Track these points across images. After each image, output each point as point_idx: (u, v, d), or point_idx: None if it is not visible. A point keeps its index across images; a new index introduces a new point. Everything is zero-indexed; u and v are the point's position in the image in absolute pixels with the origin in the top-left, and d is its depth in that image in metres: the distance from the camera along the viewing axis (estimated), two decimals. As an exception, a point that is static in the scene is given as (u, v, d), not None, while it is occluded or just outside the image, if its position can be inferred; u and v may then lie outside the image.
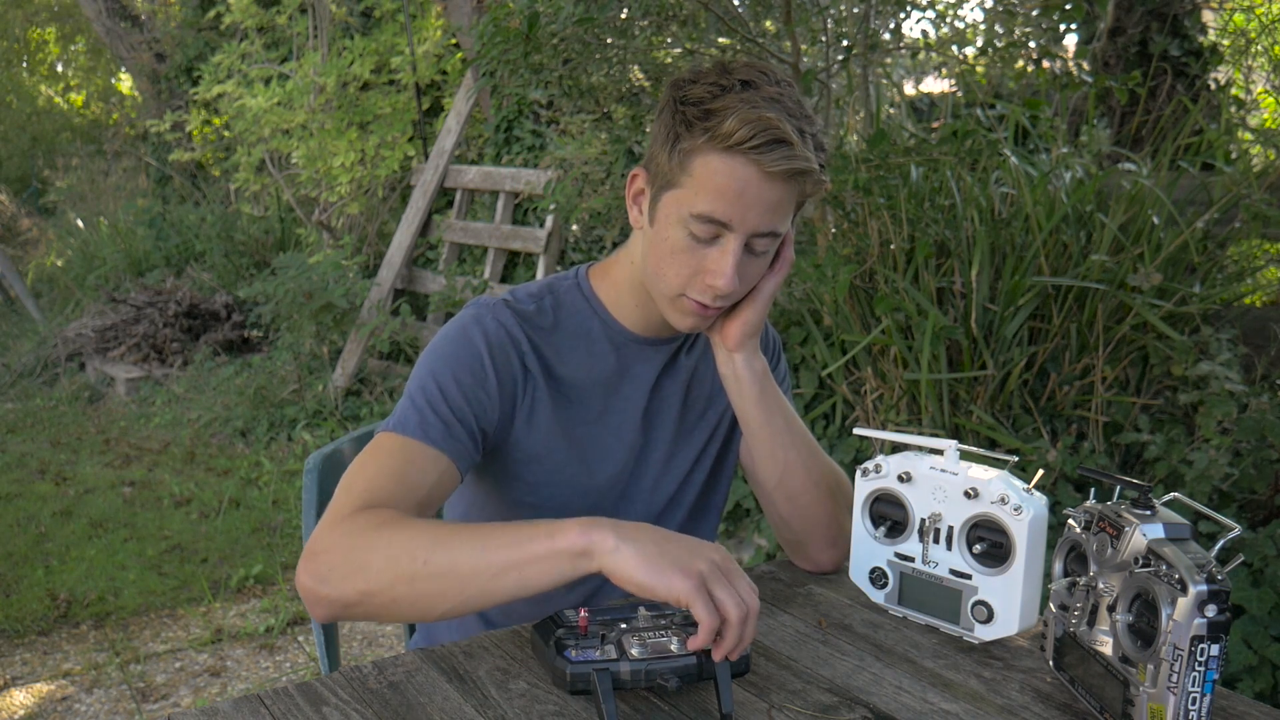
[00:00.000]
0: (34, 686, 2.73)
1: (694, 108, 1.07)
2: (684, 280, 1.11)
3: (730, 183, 1.05)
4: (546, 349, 1.21)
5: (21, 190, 12.08)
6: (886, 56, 4.65)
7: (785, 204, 1.09)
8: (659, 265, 1.13)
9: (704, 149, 1.06)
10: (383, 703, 0.96)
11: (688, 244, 1.10)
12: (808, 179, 1.08)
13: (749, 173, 1.05)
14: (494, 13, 3.36)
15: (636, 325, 1.24)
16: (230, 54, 6.58)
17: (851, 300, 3.08)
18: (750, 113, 1.03)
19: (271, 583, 3.38)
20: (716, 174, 1.06)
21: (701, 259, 1.10)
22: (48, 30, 13.84)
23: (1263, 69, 4.91)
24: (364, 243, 6.45)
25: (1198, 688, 0.84)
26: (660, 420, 1.28)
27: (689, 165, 1.07)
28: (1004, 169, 3.01)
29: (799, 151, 1.05)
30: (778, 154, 1.04)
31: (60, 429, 5.37)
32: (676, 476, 1.30)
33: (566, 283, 1.26)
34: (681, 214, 1.09)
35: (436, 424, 1.11)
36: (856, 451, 3.03)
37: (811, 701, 0.98)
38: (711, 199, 1.06)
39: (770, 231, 1.09)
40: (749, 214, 1.07)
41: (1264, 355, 2.91)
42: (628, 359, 1.25)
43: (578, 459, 1.23)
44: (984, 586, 1.08)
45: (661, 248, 1.12)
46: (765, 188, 1.06)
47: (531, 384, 1.20)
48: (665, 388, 1.28)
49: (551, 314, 1.23)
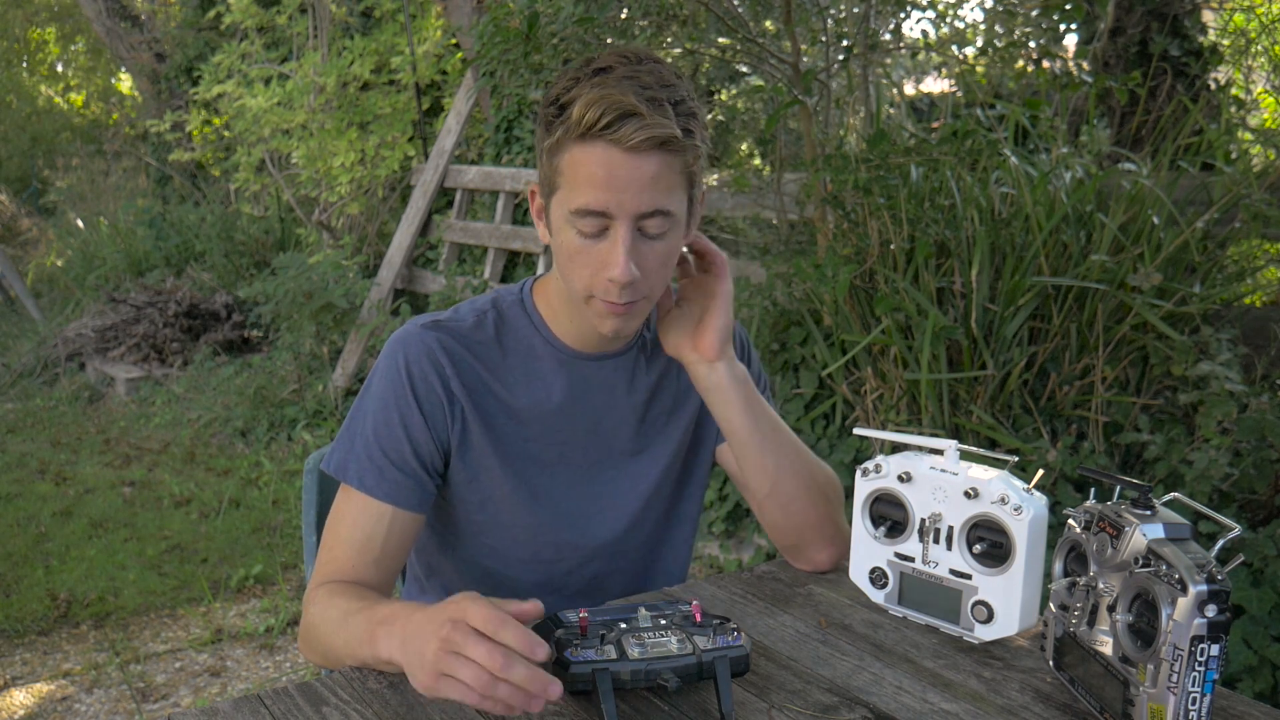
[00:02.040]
0: (34, 686, 2.73)
1: (551, 107, 1.06)
2: (586, 281, 1.09)
3: (596, 169, 1.03)
4: (480, 367, 1.19)
5: (21, 190, 12.08)
6: (886, 56, 4.66)
7: (663, 179, 1.05)
8: (564, 271, 1.12)
9: (565, 144, 1.05)
10: (383, 703, 0.96)
11: (580, 244, 1.08)
12: (676, 147, 1.04)
13: (610, 155, 1.02)
14: (494, 13, 3.37)
15: (575, 341, 1.21)
16: (230, 54, 6.58)
17: (851, 300, 3.08)
18: (594, 94, 1.01)
19: (271, 583, 3.38)
20: (581, 164, 1.04)
21: (596, 255, 1.07)
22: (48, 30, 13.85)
23: (1263, 69, 4.91)
24: (364, 243, 6.45)
25: (1198, 688, 0.84)
26: (613, 438, 1.25)
27: (558, 164, 1.07)
28: (1004, 169, 3.01)
29: (651, 119, 1.01)
30: (630, 126, 1.01)
31: (60, 429, 5.37)
32: (640, 493, 1.27)
33: (511, 298, 1.24)
34: (566, 215, 1.07)
35: (376, 475, 1.14)
36: (856, 451, 3.03)
37: (811, 701, 0.98)
38: (584, 191, 1.04)
39: (656, 210, 1.06)
40: (624, 197, 1.04)
41: (1264, 355, 2.91)
42: (571, 378, 1.22)
43: (514, 480, 1.21)
44: (984, 586, 1.08)
45: (561, 254, 1.11)
46: (632, 166, 1.03)
47: (459, 411, 1.17)
48: (619, 405, 1.25)
49: (494, 330, 1.20)
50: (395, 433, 1.15)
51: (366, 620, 1.01)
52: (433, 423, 1.16)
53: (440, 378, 1.16)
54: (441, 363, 1.16)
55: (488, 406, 1.19)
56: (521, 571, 1.27)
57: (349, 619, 1.04)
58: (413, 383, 1.15)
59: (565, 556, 1.27)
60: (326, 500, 1.46)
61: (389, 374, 1.17)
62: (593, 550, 1.27)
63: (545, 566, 1.27)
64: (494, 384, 1.20)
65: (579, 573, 1.28)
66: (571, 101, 1.03)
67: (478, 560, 1.27)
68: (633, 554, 1.31)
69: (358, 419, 1.18)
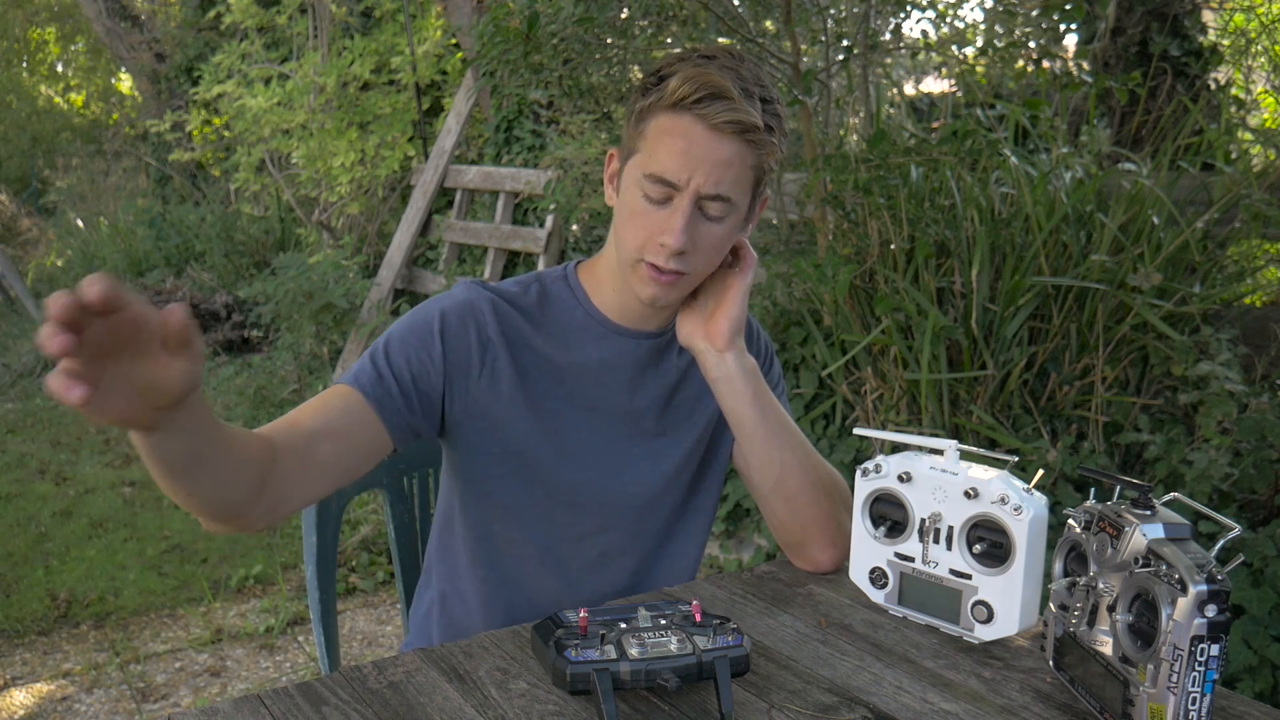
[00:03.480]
0: (34, 686, 2.73)
1: (651, 77, 1.13)
2: (640, 243, 1.14)
3: (677, 139, 1.09)
4: (526, 325, 1.23)
5: (21, 190, 12.09)
6: (886, 56, 4.66)
7: (735, 165, 1.11)
8: (621, 231, 1.17)
9: (654, 110, 1.11)
10: (383, 703, 0.96)
11: (643, 206, 1.13)
12: (755, 138, 1.10)
13: (694, 128, 1.09)
14: (494, 13, 3.37)
15: (615, 312, 1.25)
16: (230, 54, 6.58)
17: (851, 300, 3.08)
18: (693, 71, 1.08)
19: (271, 583, 3.38)
20: (665, 131, 1.10)
21: (656, 220, 1.12)
22: (48, 30, 13.86)
23: (1263, 69, 4.91)
24: (364, 243, 6.45)
25: (1198, 688, 0.84)
26: (641, 415, 1.27)
27: (644, 129, 1.13)
28: (1004, 169, 3.01)
29: (740, 106, 1.07)
30: (719, 106, 1.07)
31: (60, 429, 5.37)
32: (662, 474, 1.29)
33: (554, 274, 1.29)
34: (638, 177, 1.13)
35: (373, 377, 1.16)
36: (856, 451, 3.03)
37: (811, 701, 0.98)
38: (661, 157, 1.10)
39: (719, 195, 1.11)
40: (696, 172, 1.09)
41: (1264, 355, 2.91)
42: (609, 349, 1.25)
43: (543, 431, 1.23)
44: (984, 586, 1.08)
45: (622, 213, 1.16)
46: (711, 144, 1.09)
47: (492, 354, 1.21)
48: (649, 384, 1.27)
49: (536, 298, 1.25)
50: (407, 354, 1.18)
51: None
52: (451, 362, 1.19)
53: (477, 325, 1.20)
54: (482, 311, 1.21)
55: (525, 358, 1.22)
56: (531, 534, 1.26)
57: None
58: (444, 323, 1.20)
59: (580, 520, 1.27)
60: (326, 500, 1.47)
61: (424, 311, 1.22)
62: (611, 516, 1.27)
63: (557, 530, 1.26)
64: (535, 339, 1.23)
65: (590, 542, 1.28)
66: (671, 75, 1.10)
67: (487, 524, 1.27)
68: (647, 537, 1.31)
69: (379, 343, 1.20)
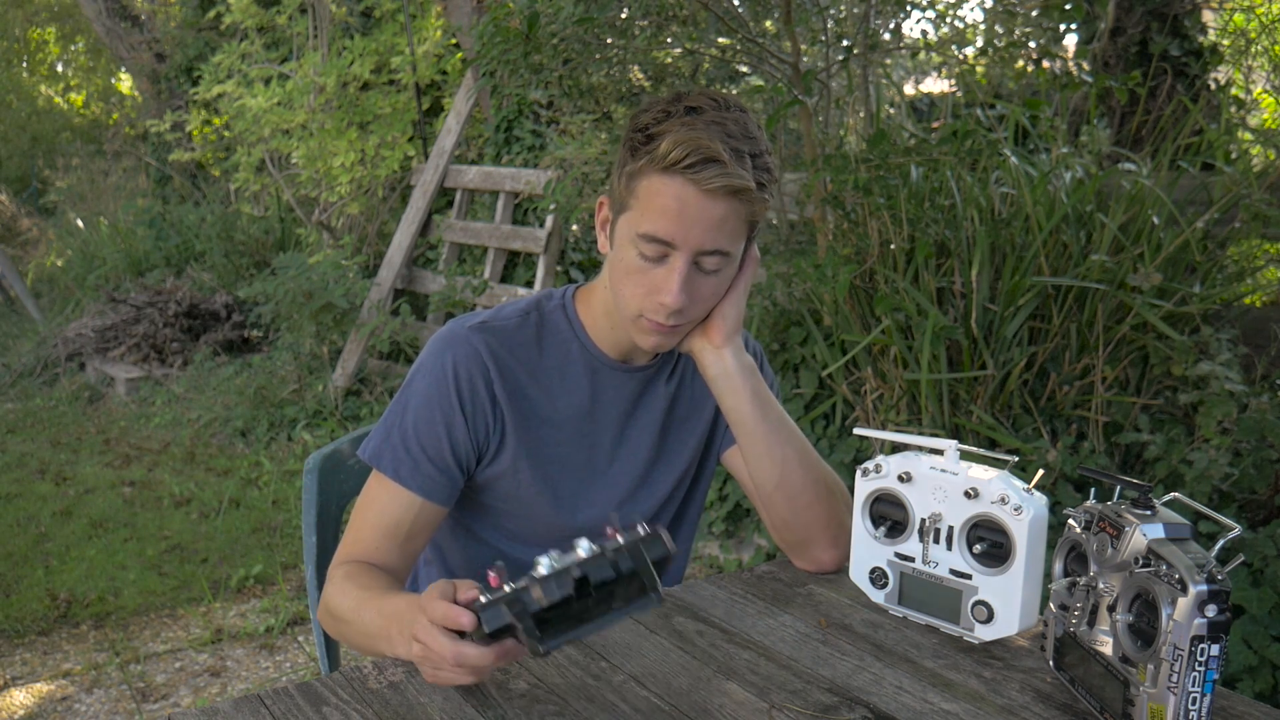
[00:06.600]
0: (34, 686, 2.73)
1: (640, 134, 1.13)
2: (639, 300, 1.16)
3: (670, 202, 1.10)
4: (520, 371, 1.24)
5: (21, 190, 12.09)
6: (886, 56, 4.66)
7: (729, 222, 1.12)
8: (618, 286, 1.18)
9: (646, 171, 1.12)
10: (383, 703, 0.96)
11: (639, 264, 1.14)
12: (747, 197, 1.12)
13: (687, 191, 1.09)
14: (494, 13, 3.36)
15: (611, 350, 1.27)
16: (230, 54, 6.58)
17: (851, 300, 3.08)
18: (685, 134, 1.08)
19: (271, 583, 3.38)
20: (657, 194, 1.11)
21: (653, 279, 1.14)
22: (48, 30, 13.85)
23: (1263, 69, 4.91)
24: (364, 243, 6.44)
25: (1198, 688, 0.84)
26: (634, 446, 1.31)
27: (635, 188, 1.13)
28: (1004, 169, 3.01)
29: (732, 170, 1.08)
30: (711, 171, 1.08)
31: (60, 429, 5.37)
32: (657, 498, 1.33)
33: (553, 302, 1.30)
34: (632, 235, 1.14)
35: (411, 466, 1.20)
36: (856, 451, 3.03)
37: (811, 701, 0.98)
38: (654, 218, 1.11)
39: (717, 250, 1.13)
40: (691, 232, 1.11)
41: (1264, 355, 2.91)
42: (601, 385, 1.28)
43: (541, 480, 1.26)
44: (984, 586, 1.08)
45: (619, 269, 1.17)
46: (705, 206, 1.10)
47: (499, 415, 1.23)
48: (641, 416, 1.31)
49: (534, 329, 1.26)
50: (436, 430, 1.20)
51: (378, 614, 1.06)
52: (473, 425, 1.22)
53: (485, 381, 1.22)
54: (488, 366, 1.22)
55: (525, 411, 1.25)
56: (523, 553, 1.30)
57: (362, 609, 1.10)
58: (459, 385, 1.21)
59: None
60: (326, 500, 1.47)
61: (435, 372, 1.22)
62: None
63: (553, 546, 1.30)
64: (532, 389, 1.25)
65: None
66: (661, 135, 1.10)
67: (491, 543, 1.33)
68: None
69: (397, 411, 1.23)
